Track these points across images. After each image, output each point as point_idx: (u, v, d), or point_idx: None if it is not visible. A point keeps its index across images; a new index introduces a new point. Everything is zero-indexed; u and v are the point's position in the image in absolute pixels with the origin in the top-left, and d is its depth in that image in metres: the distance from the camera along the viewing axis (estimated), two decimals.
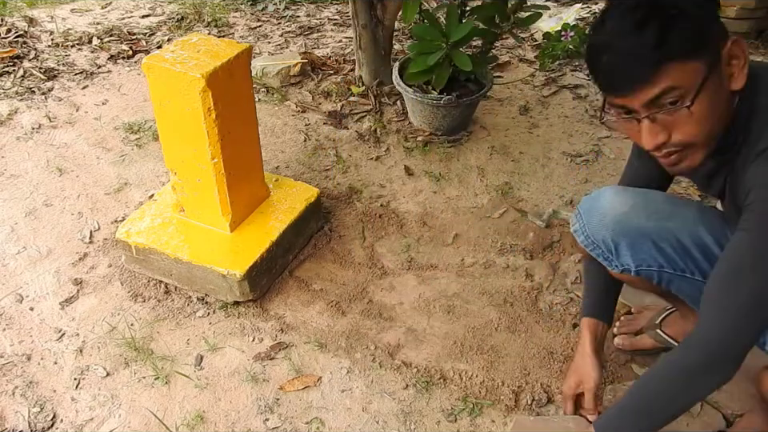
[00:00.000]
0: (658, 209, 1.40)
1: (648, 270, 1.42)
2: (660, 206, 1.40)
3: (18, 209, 2.21)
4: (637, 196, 1.42)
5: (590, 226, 1.43)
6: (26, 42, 3.20)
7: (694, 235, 1.36)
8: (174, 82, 1.65)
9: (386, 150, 2.51)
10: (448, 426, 1.57)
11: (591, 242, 1.45)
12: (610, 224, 1.40)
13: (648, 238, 1.39)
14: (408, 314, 1.87)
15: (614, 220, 1.40)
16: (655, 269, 1.41)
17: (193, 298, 1.90)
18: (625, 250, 1.41)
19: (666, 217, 1.39)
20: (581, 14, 3.49)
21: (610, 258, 1.44)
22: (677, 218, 1.38)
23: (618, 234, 1.40)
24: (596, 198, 1.44)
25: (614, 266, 1.45)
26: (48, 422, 1.59)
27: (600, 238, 1.42)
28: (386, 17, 2.63)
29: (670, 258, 1.39)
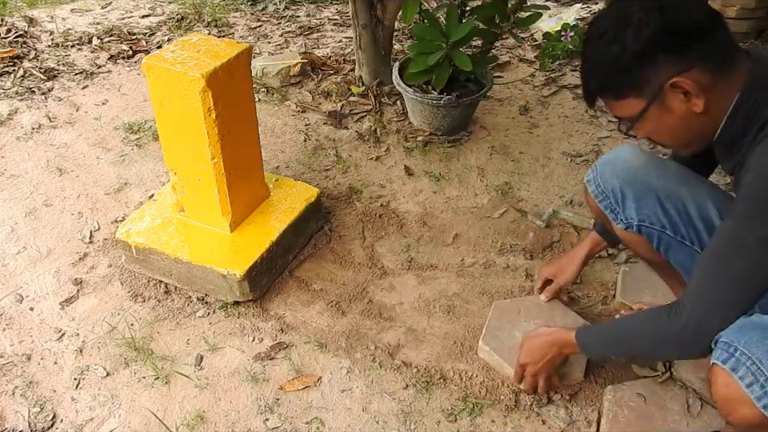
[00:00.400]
0: (670, 173, 1.47)
1: (650, 228, 1.48)
2: (673, 172, 1.47)
3: (18, 209, 2.21)
4: (652, 158, 1.51)
5: (602, 175, 1.53)
6: (26, 42, 3.20)
7: (701, 206, 1.42)
8: (174, 82, 1.65)
9: (386, 150, 2.51)
10: (448, 426, 1.57)
11: (601, 192, 1.53)
12: (621, 173, 1.49)
13: (654, 194, 1.45)
14: (408, 313, 1.87)
15: (625, 170, 1.49)
16: (657, 228, 1.47)
17: (193, 298, 1.90)
18: (630, 201, 1.48)
19: (676, 182, 1.46)
20: (581, 13, 3.49)
21: (617, 210, 1.51)
22: (686, 186, 1.44)
23: (626, 184, 1.48)
24: (614, 152, 1.56)
25: (619, 220, 1.51)
26: (48, 422, 1.59)
27: (609, 187, 1.51)
28: (386, 17, 2.63)
29: (672, 221, 1.45)
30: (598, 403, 1.60)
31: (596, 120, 2.68)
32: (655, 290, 1.81)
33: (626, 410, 1.53)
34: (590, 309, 1.87)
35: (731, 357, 1.14)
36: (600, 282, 1.95)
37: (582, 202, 2.26)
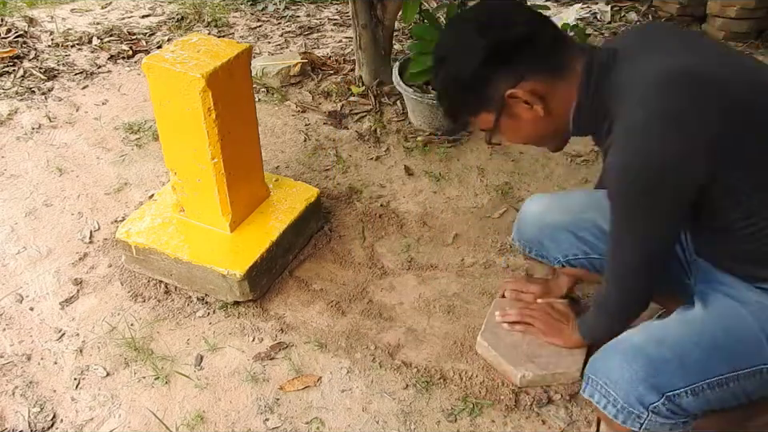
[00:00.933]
0: (573, 204, 1.61)
1: (576, 259, 1.62)
2: (576, 202, 1.62)
3: (18, 209, 2.21)
4: (553, 198, 1.68)
5: (520, 232, 1.70)
6: (26, 42, 3.20)
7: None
8: (174, 82, 1.65)
9: (386, 150, 2.51)
10: (448, 426, 1.57)
11: (524, 245, 1.71)
12: (531, 224, 1.66)
13: (566, 230, 1.60)
14: (408, 313, 1.87)
15: (533, 220, 1.66)
16: (582, 257, 1.61)
17: (193, 298, 1.90)
18: (549, 243, 1.64)
19: (582, 209, 1.59)
20: (581, 13, 3.50)
21: (545, 255, 1.68)
22: (593, 209, 1.55)
23: (539, 231, 1.64)
24: (522, 208, 1.71)
25: (552, 261, 1.67)
26: (48, 422, 1.59)
27: (528, 239, 1.69)
28: (386, 17, 2.63)
29: (592, 245, 1.58)
30: None
31: None
32: None
33: None
34: None
35: (588, 385, 1.29)
36: (600, 282, 1.95)
37: None
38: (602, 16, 3.51)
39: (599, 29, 3.39)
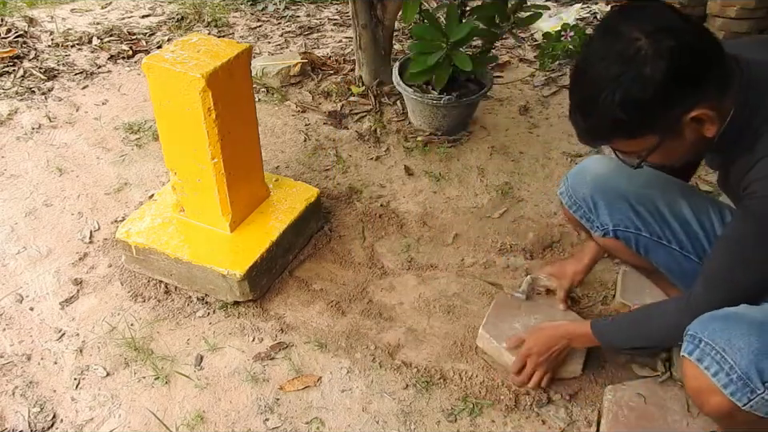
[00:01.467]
0: (639, 177, 1.50)
1: (625, 232, 1.53)
2: (641, 176, 1.49)
3: (18, 209, 2.21)
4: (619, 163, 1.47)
5: (573, 186, 1.59)
6: (26, 42, 3.20)
7: (674, 206, 1.48)
8: (174, 81, 1.65)
9: (386, 150, 2.51)
10: (448, 426, 1.57)
11: (574, 202, 1.59)
12: (590, 182, 1.55)
13: (625, 199, 1.51)
14: (408, 313, 1.87)
15: (594, 179, 1.55)
16: (632, 231, 1.52)
17: (193, 298, 1.90)
18: (603, 208, 1.54)
19: (646, 184, 1.51)
20: (581, 13, 3.50)
21: (591, 219, 1.57)
22: (657, 188, 1.49)
23: (596, 192, 1.54)
24: (582, 164, 1.61)
25: (595, 228, 1.58)
26: (48, 422, 1.59)
27: (581, 196, 1.57)
28: (386, 17, 2.63)
29: (646, 222, 1.50)
30: (598, 403, 1.60)
31: None
32: (655, 290, 1.81)
33: (626, 410, 1.53)
34: (590, 309, 1.87)
35: (696, 348, 1.18)
36: (600, 282, 1.95)
37: None
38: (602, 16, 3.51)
39: None
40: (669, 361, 1.65)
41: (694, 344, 1.19)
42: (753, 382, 1.13)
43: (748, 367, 1.13)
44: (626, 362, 1.70)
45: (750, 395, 1.14)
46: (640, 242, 1.53)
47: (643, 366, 1.68)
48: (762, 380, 1.13)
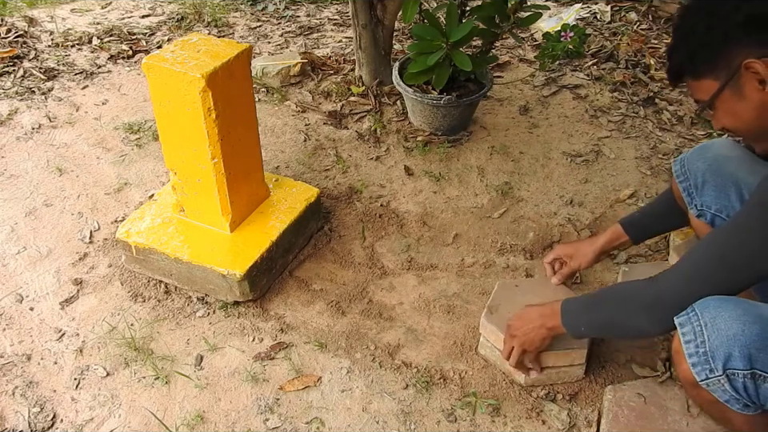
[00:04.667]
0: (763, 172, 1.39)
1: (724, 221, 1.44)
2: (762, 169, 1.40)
3: (18, 209, 2.21)
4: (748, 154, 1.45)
5: (690, 157, 1.51)
6: (26, 42, 3.20)
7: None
8: (174, 81, 1.65)
9: (386, 150, 2.51)
10: (448, 426, 1.57)
11: (683, 172, 1.52)
12: (709, 159, 1.47)
13: (738, 189, 1.42)
14: (408, 314, 1.87)
15: (714, 157, 1.47)
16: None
17: (193, 298, 1.90)
18: (710, 189, 1.46)
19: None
20: (581, 13, 3.49)
21: (693, 195, 1.50)
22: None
23: (711, 171, 1.46)
24: (710, 141, 1.55)
25: (694, 205, 1.50)
26: (48, 422, 1.59)
27: (693, 170, 1.49)
28: (386, 17, 2.63)
29: None
30: (598, 403, 1.60)
31: (596, 120, 2.69)
32: None
33: (626, 410, 1.53)
34: None
35: (686, 314, 1.20)
36: (600, 282, 1.95)
37: (582, 201, 2.26)
38: (602, 16, 3.51)
39: (599, 29, 3.39)
40: (669, 361, 1.65)
41: (687, 311, 1.20)
42: (714, 363, 1.15)
43: (717, 348, 1.14)
44: (625, 362, 1.70)
45: (709, 374, 1.16)
46: None
47: (643, 365, 1.68)
48: (724, 365, 1.14)
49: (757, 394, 1.15)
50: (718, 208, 1.46)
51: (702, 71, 1.18)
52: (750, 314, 1.14)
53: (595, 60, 3.08)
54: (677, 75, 1.24)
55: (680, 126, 2.66)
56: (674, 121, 2.69)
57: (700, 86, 1.20)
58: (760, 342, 1.12)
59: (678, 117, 2.71)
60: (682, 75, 1.23)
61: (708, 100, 1.19)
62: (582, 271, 1.78)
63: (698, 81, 1.20)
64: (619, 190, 2.31)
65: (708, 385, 1.17)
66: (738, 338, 1.12)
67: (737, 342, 1.13)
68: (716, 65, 1.15)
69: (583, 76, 2.98)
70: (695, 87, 1.22)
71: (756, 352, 1.12)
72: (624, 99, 2.81)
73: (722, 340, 1.14)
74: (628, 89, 2.87)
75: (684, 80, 1.23)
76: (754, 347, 1.12)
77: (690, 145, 2.55)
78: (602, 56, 3.11)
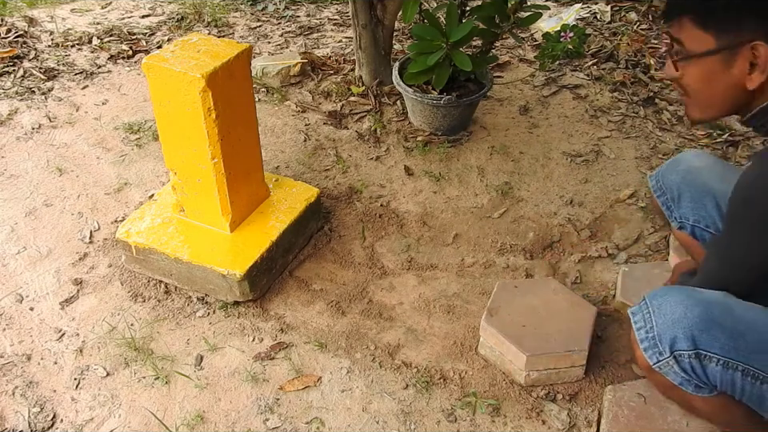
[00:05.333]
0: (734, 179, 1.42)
1: (703, 231, 1.49)
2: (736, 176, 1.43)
3: (18, 209, 2.21)
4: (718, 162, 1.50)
5: (664, 172, 1.55)
6: (26, 42, 3.20)
7: None
8: (174, 81, 1.65)
9: (386, 150, 2.51)
10: (448, 426, 1.57)
11: (659, 187, 1.56)
12: (682, 172, 1.51)
13: (713, 198, 1.46)
14: (408, 314, 1.87)
15: (687, 170, 1.51)
16: (711, 231, 1.48)
17: (193, 298, 1.90)
18: (687, 201, 1.50)
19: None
20: (581, 13, 3.49)
21: (672, 208, 1.54)
22: None
23: (685, 183, 1.50)
24: (680, 154, 1.59)
25: (673, 218, 1.54)
26: (48, 422, 1.59)
27: (668, 183, 1.54)
28: (386, 17, 2.63)
29: None
30: (598, 403, 1.60)
31: (596, 120, 2.68)
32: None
33: (626, 410, 1.53)
34: None
35: (638, 305, 1.27)
36: (600, 282, 1.96)
37: (582, 201, 2.26)
38: (602, 16, 3.51)
39: (599, 29, 3.38)
40: None
41: (639, 302, 1.27)
42: (662, 346, 1.20)
43: (663, 332, 1.20)
44: (625, 362, 1.70)
45: (659, 356, 1.21)
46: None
47: None
48: (671, 347, 1.19)
49: (705, 374, 1.20)
50: (696, 219, 1.50)
51: (709, 25, 1.14)
52: (692, 298, 1.20)
53: (595, 60, 3.08)
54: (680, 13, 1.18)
55: (680, 126, 2.65)
56: (674, 121, 2.69)
57: (695, 35, 1.16)
58: (702, 324, 1.17)
59: (678, 117, 2.70)
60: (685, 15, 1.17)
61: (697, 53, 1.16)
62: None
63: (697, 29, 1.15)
64: (619, 190, 2.31)
65: (660, 368, 1.23)
66: (681, 320, 1.18)
67: (680, 324, 1.18)
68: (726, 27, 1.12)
69: (583, 76, 2.98)
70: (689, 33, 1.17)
71: (699, 333, 1.17)
72: (624, 99, 2.81)
73: (666, 324, 1.20)
74: (628, 89, 2.87)
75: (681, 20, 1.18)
76: (696, 329, 1.17)
77: (689, 145, 2.55)
78: (602, 56, 3.11)
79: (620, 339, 1.75)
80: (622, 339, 1.75)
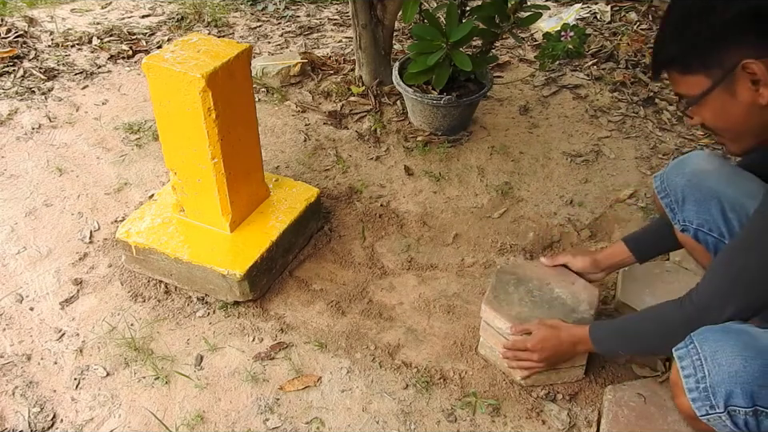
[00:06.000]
0: (741, 183, 1.40)
1: (707, 235, 1.44)
2: (744, 183, 1.40)
3: (18, 209, 2.21)
4: (725, 165, 1.45)
5: (669, 173, 1.50)
6: (26, 42, 3.20)
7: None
8: (174, 81, 1.65)
9: (386, 150, 2.51)
10: (448, 426, 1.57)
11: (663, 188, 1.51)
12: (688, 174, 1.46)
13: (719, 202, 1.41)
14: (408, 314, 1.87)
15: (692, 172, 1.46)
16: (714, 235, 1.43)
17: (193, 298, 1.90)
18: (691, 204, 1.45)
19: (746, 194, 1.38)
20: (581, 13, 3.49)
21: (675, 211, 1.49)
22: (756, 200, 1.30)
23: (690, 186, 1.45)
24: (687, 155, 1.53)
25: (677, 221, 1.50)
26: (48, 422, 1.59)
27: (672, 186, 1.48)
28: (386, 17, 2.63)
29: (733, 232, 1.39)
30: (598, 403, 1.60)
31: (596, 120, 2.69)
32: (655, 290, 1.81)
33: (626, 410, 1.53)
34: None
35: (685, 347, 1.20)
36: (600, 282, 1.95)
37: (582, 201, 2.26)
38: (602, 16, 3.51)
39: (599, 29, 3.39)
40: (669, 361, 1.65)
41: (686, 342, 1.20)
42: (715, 399, 1.13)
43: (718, 384, 1.13)
44: (625, 362, 1.70)
45: (710, 410, 1.15)
46: (719, 248, 1.43)
47: (643, 366, 1.68)
48: (725, 402, 1.12)
49: (758, 429, 1.13)
50: (699, 222, 1.45)
51: (694, 67, 1.13)
52: (751, 349, 1.12)
53: (595, 60, 3.08)
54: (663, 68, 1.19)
55: (680, 126, 2.66)
56: (674, 121, 2.69)
57: (687, 81, 1.15)
58: (762, 379, 1.10)
59: (677, 117, 2.70)
60: (669, 69, 1.18)
61: (697, 96, 1.15)
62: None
63: (686, 76, 1.15)
64: (619, 190, 2.31)
65: (708, 420, 1.16)
66: (740, 375, 1.10)
67: (739, 379, 1.11)
68: (710, 62, 1.11)
69: (583, 76, 2.98)
70: (681, 82, 1.17)
71: (758, 389, 1.10)
72: (624, 99, 2.81)
73: (723, 377, 1.12)
74: (628, 89, 2.87)
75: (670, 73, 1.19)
76: (756, 384, 1.10)
77: (689, 145, 2.55)
78: (602, 56, 3.11)
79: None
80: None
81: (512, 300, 1.65)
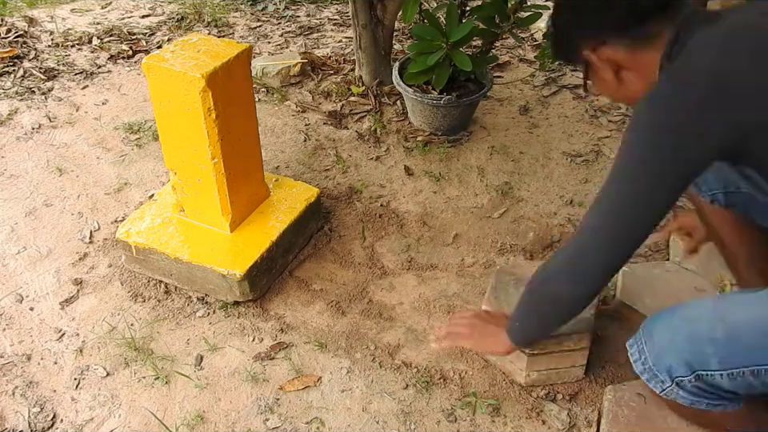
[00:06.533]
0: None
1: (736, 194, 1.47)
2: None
3: (18, 209, 2.21)
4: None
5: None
6: (26, 42, 3.20)
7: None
8: (174, 81, 1.65)
9: (386, 150, 2.51)
10: (448, 426, 1.57)
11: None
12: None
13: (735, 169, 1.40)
14: (408, 314, 1.87)
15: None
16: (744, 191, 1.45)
17: (193, 298, 1.90)
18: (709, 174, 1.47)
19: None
20: None
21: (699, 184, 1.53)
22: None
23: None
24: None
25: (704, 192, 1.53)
26: (48, 422, 1.59)
27: None
28: (386, 17, 2.63)
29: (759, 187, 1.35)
30: (598, 403, 1.60)
31: (596, 120, 2.69)
32: (655, 289, 1.81)
33: (626, 410, 1.53)
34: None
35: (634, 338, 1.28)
36: None
37: (582, 201, 2.26)
38: None
39: None
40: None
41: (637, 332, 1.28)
42: (662, 375, 1.21)
43: (656, 362, 1.21)
44: (625, 362, 1.69)
45: (662, 385, 1.22)
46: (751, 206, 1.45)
47: None
48: (670, 376, 1.19)
49: (713, 388, 1.18)
50: (725, 185, 1.49)
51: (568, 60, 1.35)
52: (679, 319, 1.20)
53: None
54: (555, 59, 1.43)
55: None
56: None
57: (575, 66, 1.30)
58: (691, 345, 1.16)
59: None
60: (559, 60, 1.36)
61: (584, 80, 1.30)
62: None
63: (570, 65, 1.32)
64: None
65: (667, 395, 1.23)
66: (670, 347, 1.18)
67: (670, 351, 1.18)
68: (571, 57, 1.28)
69: None
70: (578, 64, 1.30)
71: (691, 356, 1.16)
72: None
73: (657, 353, 1.20)
74: None
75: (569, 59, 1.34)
76: (687, 352, 1.16)
77: None
78: None
79: (620, 339, 1.74)
80: (621, 339, 1.74)
81: (512, 300, 1.65)
